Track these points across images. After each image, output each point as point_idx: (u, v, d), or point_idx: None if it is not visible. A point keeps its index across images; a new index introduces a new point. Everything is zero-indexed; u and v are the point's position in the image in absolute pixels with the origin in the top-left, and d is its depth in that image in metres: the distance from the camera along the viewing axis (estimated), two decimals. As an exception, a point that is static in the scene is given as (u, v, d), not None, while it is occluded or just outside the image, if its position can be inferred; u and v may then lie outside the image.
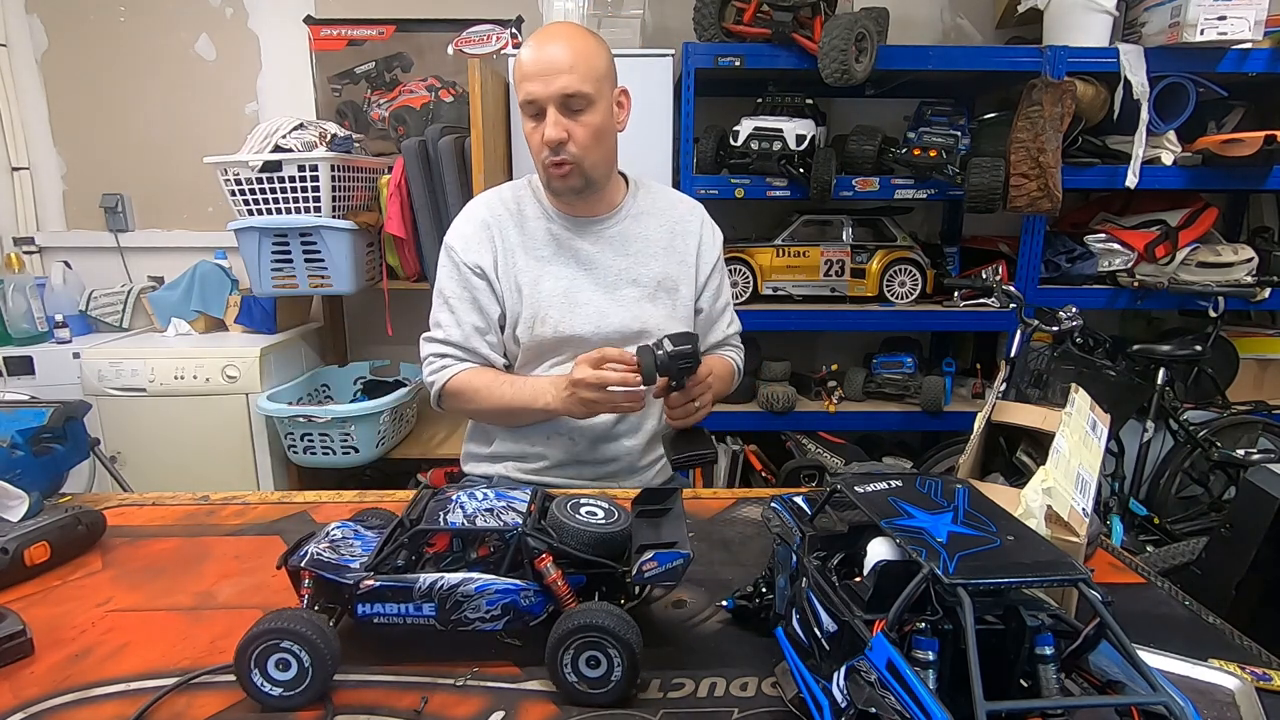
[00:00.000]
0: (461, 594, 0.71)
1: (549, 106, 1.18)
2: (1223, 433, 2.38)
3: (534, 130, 1.22)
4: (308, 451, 2.25)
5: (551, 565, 0.72)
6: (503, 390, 1.28)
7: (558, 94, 1.17)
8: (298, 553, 0.76)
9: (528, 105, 1.20)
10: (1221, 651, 0.74)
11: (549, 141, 1.19)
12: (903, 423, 2.43)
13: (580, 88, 1.18)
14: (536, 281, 1.30)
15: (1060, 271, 2.41)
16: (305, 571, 0.74)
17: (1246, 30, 2.07)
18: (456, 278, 1.31)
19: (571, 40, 1.20)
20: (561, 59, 1.17)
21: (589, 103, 1.19)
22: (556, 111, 1.18)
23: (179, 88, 2.67)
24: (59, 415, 1.10)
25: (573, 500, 0.80)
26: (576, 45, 1.19)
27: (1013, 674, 0.52)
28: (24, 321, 2.44)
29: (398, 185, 2.30)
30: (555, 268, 1.31)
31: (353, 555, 0.76)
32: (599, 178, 1.27)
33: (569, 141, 1.20)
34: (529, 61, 1.19)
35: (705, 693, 0.68)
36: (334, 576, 0.73)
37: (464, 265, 1.30)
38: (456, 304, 1.31)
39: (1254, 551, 1.10)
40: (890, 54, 2.15)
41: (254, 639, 0.67)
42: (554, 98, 1.18)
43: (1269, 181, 2.26)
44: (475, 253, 1.30)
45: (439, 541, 0.77)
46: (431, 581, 0.71)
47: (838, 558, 0.65)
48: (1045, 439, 0.85)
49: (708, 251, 1.40)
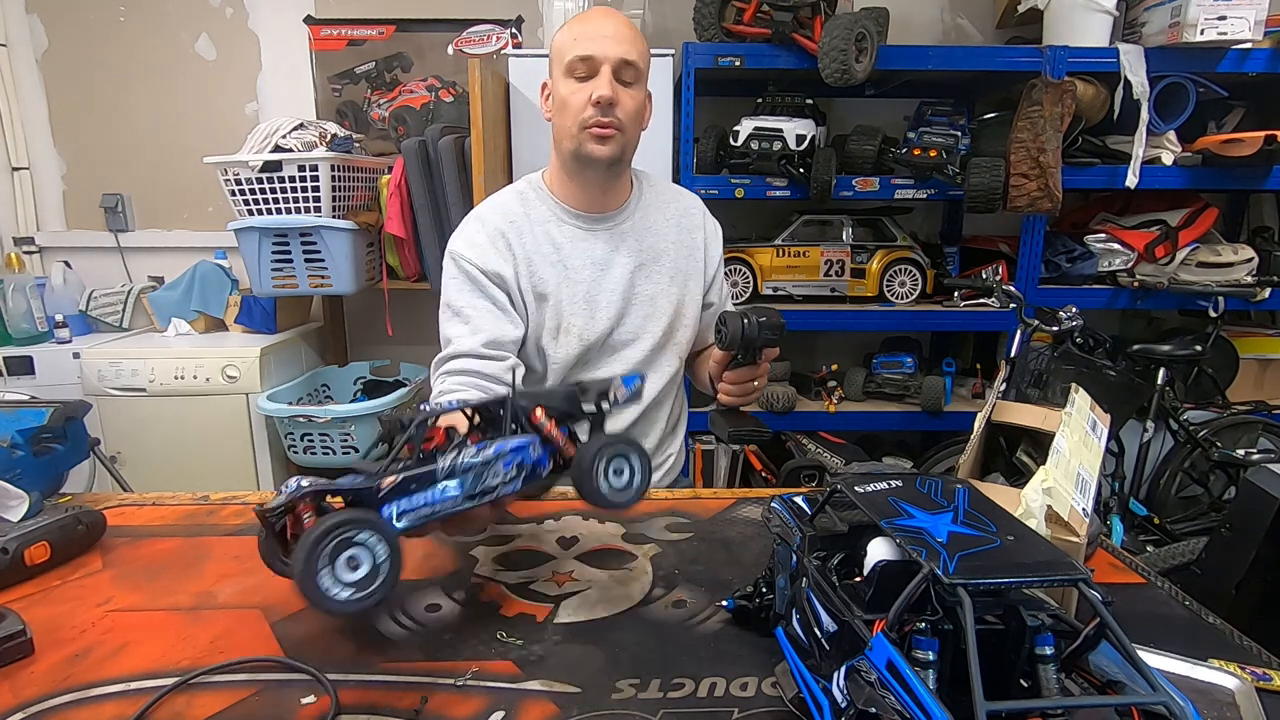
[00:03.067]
0: (481, 462, 0.74)
1: (605, 66, 1.17)
2: (1223, 433, 2.38)
3: (577, 91, 1.18)
4: (308, 451, 2.25)
5: (545, 416, 0.79)
6: None
7: (618, 58, 1.17)
8: (279, 498, 0.70)
9: (580, 63, 1.17)
10: (1221, 651, 0.74)
11: (602, 98, 1.16)
12: (903, 423, 2.43)
13: (636, 59, 1.19)
14: (559, 288, 1.26)
15: (1060, 271, 2.41)
16: (305, 503, 0.69)
17: (1246, 30, 2.07)
18: (470, 287, 1.23)
19: (628, 21, 1.22)
20: (623, 30, 1.19)
21: (638, 78, 1.21)
22: (610, 74, 1.17)
23: (179, 87, 2.67)
24: (59, 415, 1.10)
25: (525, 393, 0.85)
26: (632, 26, 1.22)
27: (1013, 674, 0.52)
28: (24, 321, 2.44)
29: (398, 185, 2.30)
30: (573, 272, 1.27)
31: (348, 480, 0.72)
32: (628, 159, 1.26)
33: (618, 106, 1.18)
34: (586, 27, 1.19)
35: (705, 693, 0.68)
36: (350, 485, 0.69)
37: (482, 273, 1.23)
38: (470, 313, 1.22)
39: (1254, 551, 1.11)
40: (890, 54, 2.15)
41: (326, 533, 0.61)
42: (613, 60, 1.17)
43: (1269, 181, 2.26)
44: (493, 261, 1.24)
45: (436, 436, 0.78)
46: (451, 459, 0.73)
47: (838, 558, 0.65)
48: (1045, 439, 0.85)
49: (713, 245, 1.40)
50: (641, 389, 0.90)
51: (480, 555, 0.95)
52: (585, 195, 1.28)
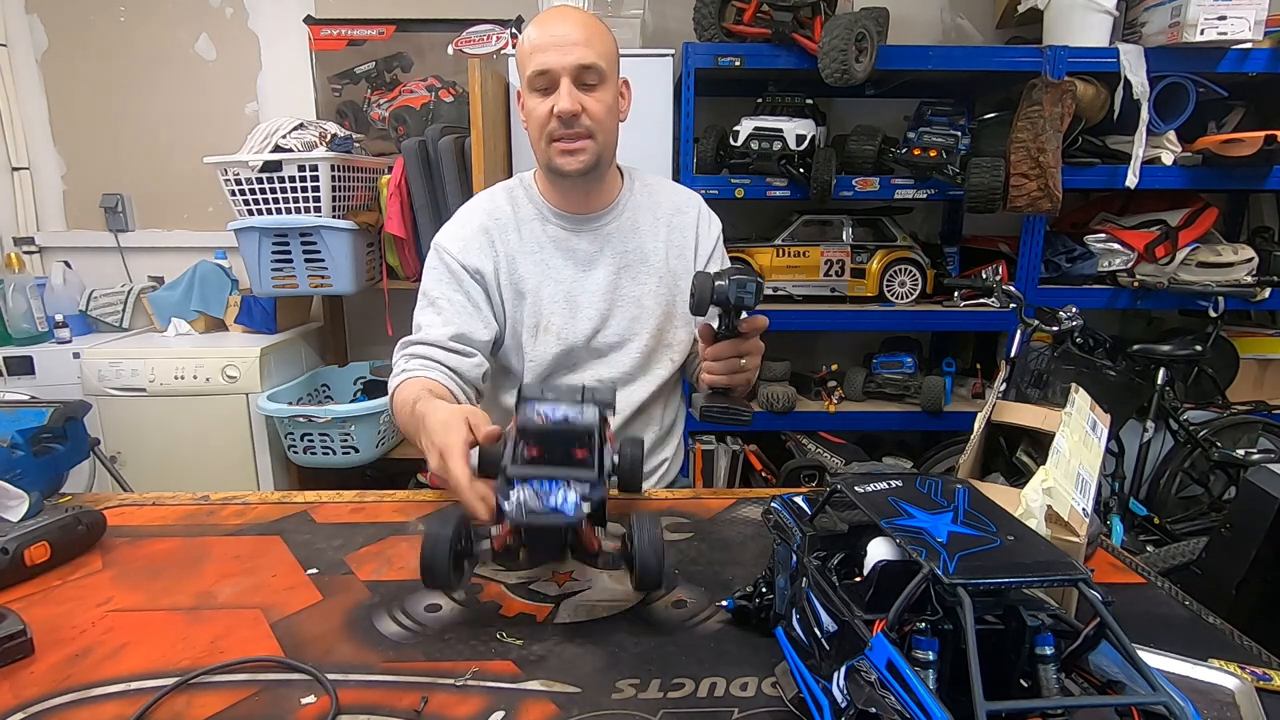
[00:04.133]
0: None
1: (563, 78, 1.14)
2: (1223, 433, 2.38)
3: (540, 104, 1.16)
4: (308, 451, 2.25)
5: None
6: (408, 410, 1.09)
7: (573, 65, 1.14)
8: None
9: (538, 77, 1.15)
10: (1221, 651, 0.74)
11: (562, 112, 1.14)
12: (903, 423, 2.44)
13: (595, 61, 1.15)
14: (539, 287, 1.26)
15: (1060, 271, 2.41)
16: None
17: (1246, 30, 2.07)
18: (448, 279, 1.25)
19: (583, 17, 1.18)
20: (576, 33, 1.15)
21: (602, 79, 1.17)
22: (570, 83, 1.15)
23: (179, 88, 2.67)
24: (59, 415, 1.10)
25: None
26: (589, 22, 1.18)
27: (1013, 674, 0.52)
28: (24, 321, 2.44)
29: (398, 185, 2.30)
30: (555, 271, 1.27)
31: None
32: (607, 160, 1.24)
33: (583, 114, 1.16)
34: (541, 34, 1.15)
35: (705, 693, 0.68)
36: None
37: (461, 267, 1.24)
38: (445, 305, 1.24)
39: (1254, 551, 1.10)
40: (890, 54, 2.15)
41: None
42: (569, 69, 1.14)
43: (1269, 181, 2.26)
44: (475, 256, 1.25)
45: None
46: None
47: (838, 558, 0.65)
48: (1045, 439, 0.85)
49: (704, 241, 1.36)
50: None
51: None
52: (568, 198, 1.28)
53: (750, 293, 0.98)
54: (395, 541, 0.99)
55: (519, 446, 0.82)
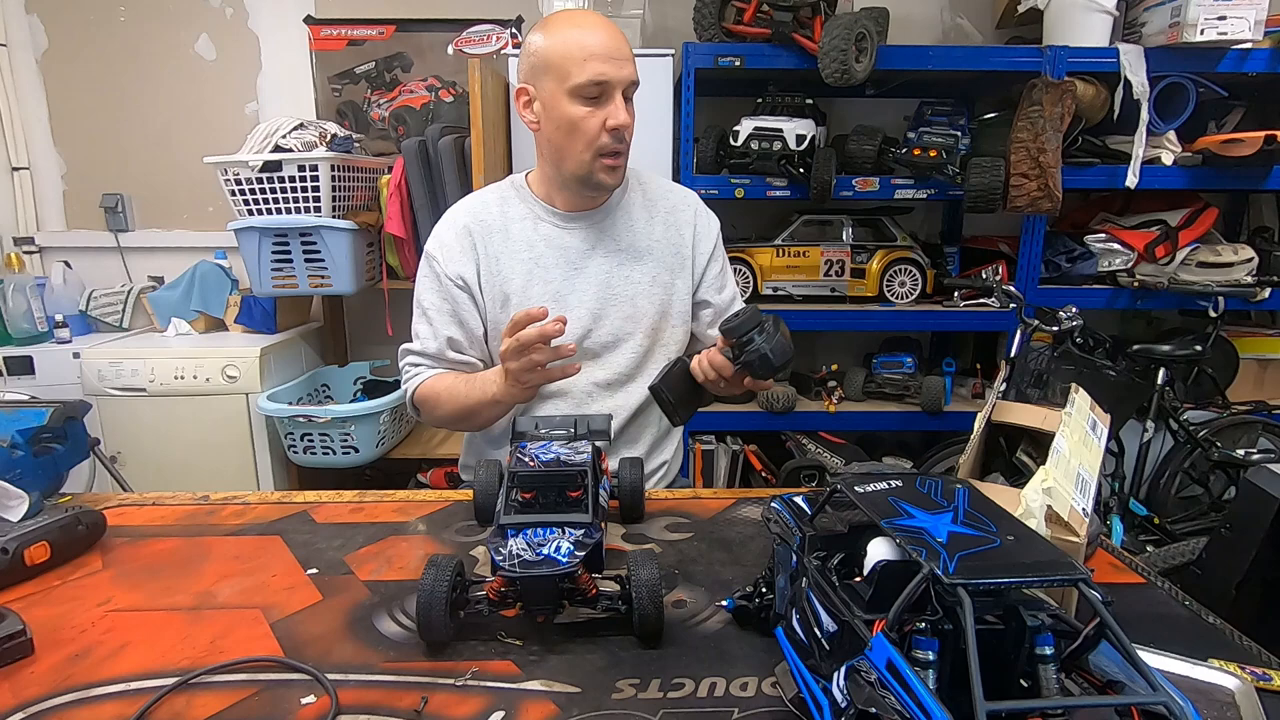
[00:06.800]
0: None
1: (617, 91, 1.13)
2: (1223, 433, 2.38)
3: (592, 115, 1.13)
4: (308, 451, 2.25)
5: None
6: (459, 390, 1.22)
7: (629, 79, 1.14)
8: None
9: (593, 86, 1.12)
10: (1221, 651, 0.74)
11: (623, 126, 1.13)
12: (903, 423, 2.43)
13: (638, 79, 1.16)
14: (525, 288, 1.25)
15: (1060, 271, 2.41)
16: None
17: (1246, 30, 2.07)
18: (436, 289, 1.27)
19: (617, 28, 1.17)
20: (625, 47, 1.14)
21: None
22: (622, 98, 1.14)
23: (179, 88, 2.67)
24: (59, 415, 1.10)
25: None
26: (622, 34, 1.17)
27: (1013, 674, 0.52)
28: (24, 321, 2.44)
29: (398, 185, 2.30)
30: (544, 271, 1.26)
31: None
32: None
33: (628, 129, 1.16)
34: (597, 43, 1.12)
35: (705, 693, 0.68)
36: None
37: (445, 276, 1.25)
38: (435, 315, 1.27)
39: (1254, 551, 1.10)
40: (890, 54, 2.15)
41: None
42: (625, 82, 1.13)
43: (1269, 181, 2.26)
44: (457, 262, 1.25)
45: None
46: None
47: (838, 558, 0.65)
48: (1045, 439, 0.85)
49: (703, 240, 1.34)
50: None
51: (480, 555, 0.95)
52: (572, 199, 1.28)
53: (760, 366, 1.00)
54: (395, 541, 0.99)
55: (512, 492, 0.85)
